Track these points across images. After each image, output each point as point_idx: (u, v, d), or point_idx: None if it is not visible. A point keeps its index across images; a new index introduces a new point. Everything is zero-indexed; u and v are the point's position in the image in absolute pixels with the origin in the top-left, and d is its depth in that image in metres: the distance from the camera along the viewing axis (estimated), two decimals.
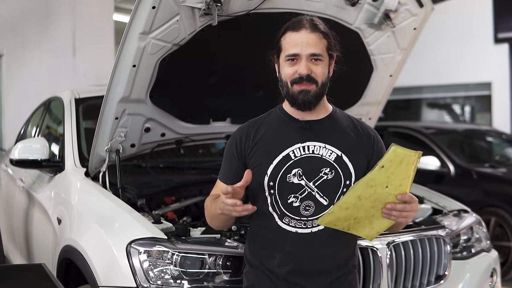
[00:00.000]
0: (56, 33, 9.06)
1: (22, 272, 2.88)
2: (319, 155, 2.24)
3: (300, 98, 2.23)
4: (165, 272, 2.65)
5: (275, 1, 3.21)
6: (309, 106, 2.25)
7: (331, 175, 2.24)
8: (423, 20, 3.70)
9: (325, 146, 2.25)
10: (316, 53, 2.22)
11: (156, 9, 2.90)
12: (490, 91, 11.85)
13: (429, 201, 3.94)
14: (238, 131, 2.38)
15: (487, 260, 3.52)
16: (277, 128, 2.32)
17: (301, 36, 2.22)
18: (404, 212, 2.05)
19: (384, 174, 1.99)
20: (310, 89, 2.22)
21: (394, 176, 1.99)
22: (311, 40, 2.22)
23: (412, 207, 2.06)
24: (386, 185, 2.01)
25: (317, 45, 2.22)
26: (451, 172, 6.86)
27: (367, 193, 2.03)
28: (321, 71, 2.24)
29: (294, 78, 2.23)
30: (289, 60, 2.24)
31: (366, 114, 4.28)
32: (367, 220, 2.10)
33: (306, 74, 2.21)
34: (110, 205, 3.15)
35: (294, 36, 2.23)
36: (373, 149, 2.33)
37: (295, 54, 2.22)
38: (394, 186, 2.02)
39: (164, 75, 3.28)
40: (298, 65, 2.22)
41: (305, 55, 2.21)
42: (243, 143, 2.32)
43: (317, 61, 2.23)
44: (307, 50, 2.21)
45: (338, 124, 2.34)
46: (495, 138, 8.40)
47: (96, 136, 3.33)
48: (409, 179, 2.02)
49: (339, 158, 2.25)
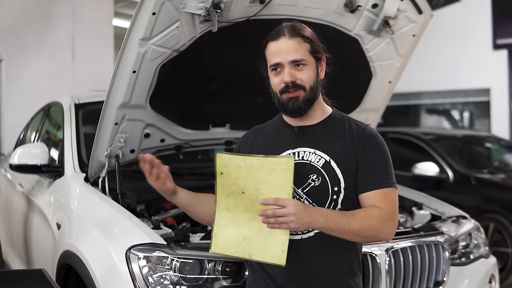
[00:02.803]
0: (56, 38, 9.07)
1: (23, 277, 2.89)
2: (308, 161, 2.22)
3: (290, 106, 2.22)
4: (165, 277, 2.65)
5: (274, 8, 3.22)
6: (299, 112, 2.24)
7: (318, 181, 2.20)
8: (422, 26, 3.72)
9: (314, 152, 2.23)
10: (296, 59, 2.20)
11: (156, 15, 2.92)
12: (489, 97, 11.85)
13: (427, 207, 3.95)
14: (242, 136, 2.44)
15: (485, 266, 3.52)
16: (272, 134, 2.34)
17: (280, 44, 2.22)
18: (279, 218, 1.99)
19: (229, 180, 2.02)
20: (298, 95, 2.21)
21: (242, 182, 2.01)
22: (291, 47, 2.20)
23: (284, 212, 1.99)
24: (242, 191, 2.02)
25: (297, 51, 2.21)
26: (449, 178, 6.86)
27: (230, 203, 2.04)
28: (306, 76, 2.22)
29: (281, 88, 2.22)
30: (273, 70, 2.24)
31: (366, 120, 4.28)
32: (259, 238, 2.05)
33: (291, 81, 2.20)
34: (110, 210, 3.15)
35: (274, 46, 2.23)
36: (361, 151, 2.23)
37: (277, 64, 2.22)
38: (251, 191, 2.01)
39: (164, 81, 3.28)
40: (282, 73, 2.22)
41: (287, 63, 2.20)
42: (241, 148, 2.37)
43: (301, 66, 2.21)
44: (287, 57, 2.20)
45: (331, 129, 2.30)
46: (494, 144, 8.40)
47: (96, 141, 3.34)
48: (270, 185, 2.00)
49: (327, 163, 2.21)
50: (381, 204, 2.16)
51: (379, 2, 3.40)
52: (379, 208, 2.15)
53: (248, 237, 2.06)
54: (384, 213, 2.15)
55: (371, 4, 3.41)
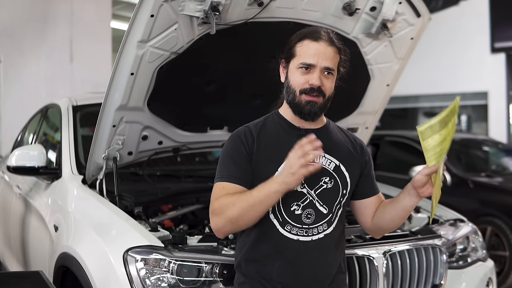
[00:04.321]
0: (53, 40, 9.07)
1: (20, 279, 2.89)
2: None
3: (307, 109, 2.23)
4: (162, 280, 2.65)
5: (273, 11, 3.22)
6: (313, 117, 2.27)
7: (330, 184, 2.26)
8: (420, 30, 3.72)
9: (324, 155, 2.27)
10: (330, 67, 2.23)
11: (155, 17, 2.91)
12: (487, 100, 11.88)
13: (425, 210, 3.94)
14: (238, 132, 2.34)
15: (483, 269, 3.52)
16: (278, 135, 2.32)
17: (320, 47, 2.22)
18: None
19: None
20: (317, 101, 2.23)
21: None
22: (329, 54, 2.22)
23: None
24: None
25: (332, 60, 2.23)
26: (447, 181, 6.85)
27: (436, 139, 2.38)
28: (330, 85, 2.26)
29: (305, 88, 2.22)
30: (301, 68, 2.23)
31: (363, 123, 4.29)
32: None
33: (318, 86, 2.21)
34: (107, 212, 3.15)
35: (312, 46, 2.22)
36: (365, 160, 2.40)
37: (311, 64, 2.21)
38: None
39: (162, 83, 3.28)
40: (311, 75, 2.21)
41: (320, 67, 2.21)
42: (249, 144, 2.28)
43: (329, 75, 2.24)
44: (323, 62, 2.21)
45: (333, 134, 2.38)
46: (491, 148, 8.42)
47: (94, 143, 3.33)
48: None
49: (337, 167, 2.28)
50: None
51: (377, 5, 3.41)
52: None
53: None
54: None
55: (369, 7, 3.41)
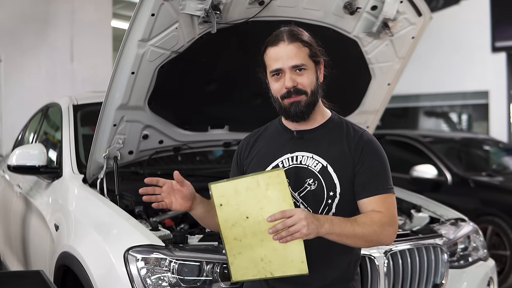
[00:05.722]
0: (54, 39, 9.06)
1: (20, 278, 2.88)
2: (305, 166, 2.22)
3: (292, 110, 2.22)
4: (163, 279, 2.65)
5: (274, 10, 3.21)
6: (302, 116, 2.24)
7: (314, 186, 2.20)
8: (422, 29, 3.71)
9: (312, 157, 2.23)
10: (297, 64, 2.19)
11: (155, 16, 2.91)
12: (487, 99, 11.86)
13: (426, 209, 3.94)
14: (242, 140, 2.43)
15: (484, 269, 3.52)
16: (272, 138, 2.34)
17: (280, 49, 2.20)
18: (290, 228, 1.95)
19: (230, 209, 1.98)
20: (299, 99, 2.21)
21: (244, 206, 1.98)
22: (291, 52, 2.19)
23: (293, 220, 1.95)
24: (246, 216, 1.99)
25: (297, 56, 2.20)
26: (448, 180, 6.85)
27: (237, 232, 2.01)
28: (307, 80, 2.22)
29: (283, 94, 2.21)
30: (274, 75, 2.23)
31: (364, 122, 4.28)
32: (276, 255, 2.03)
33: (292, 87, 2.19)
34: (108, 212, 3.15)
35: (273, 51, 2.21)
36: (358, 157, 2.23)
37: (278, 69, 2.20)
38: (255, 213, 1.99)
39: (163, 82, 3.28)
40: (283, 79, 2.20)
41: (288, 68, 2.19)
42: (242, 152, 2.36)
43: (302, 71, 2.21)
44: (288, 62, 2.19)
45: (330, 133, 2.29)
46: (492, 147, 8.41)
47: (94, 142, 3.33)
48: (271, 200, 1.98)
49: (323, 168, 2.21)
50: (382, 209, 2.17)
51: (379, 4, 3.40)
52: (380, 213, 2.15)
53: (264, 257, 2.04)
54: (385, 218, 2.15)
55: (371, 6, 3.41)
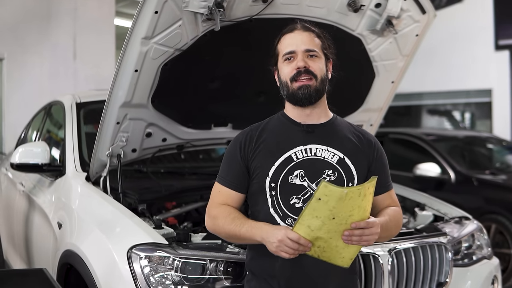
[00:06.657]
0: (57, 37, 9.07)
1: (24, 277, 2.89)
2: (321, 157, 2.26)
3: (301, 93, 2.26)
4: (166, 277, 2.64)
5: (277, 7, 3.21)
6: (310, 100, 2.27)
7: (333, 176, 2.25)
8: (426, 26, 3.70)
9: (327, 149, 2.27)
10: (310, 48, 2.28)
11: (159, 14, 2.91)
12: (491, 98, 11.84)
13: (430, 208, 3.93)
14: (240, 134, 2.39)
15: (488, 267, 3.51)
16: (279, 131, 2.33)
17: (295, 35, 2.31)
18: (364, 236, 2.05)
19: (325, 206, 1.98)
20: (310, 84, 2.26)
21: (338, 210, 1.99)
22: (305, 38, 2.30)
23: (371, 231, 2.07)
24: (333, 217, 2.01)
25: (311, 42, 2.30)
26: (451, 179, 6.84)
27: (315, 224, 2.02)
28: (318, 66, 2.29)
29: (293, 75, 2.26)
30: (286, 59, 2.29)
31: (368, 120, 4.28)
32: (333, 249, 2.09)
33: (304, 67, 2.25)
34: (111, 210, 3.14)
35: (288, 37, 2.33)
36: (373, 155, 2.35)
37: (291, 52, 2.28)
38: (342, 217, 2.01)
39: (166, 80, 3.27)
40: (295, 61, 2.27)
41: (301, 51, 2.27)
42: (246, 146, 2.33)
43: (313, 57, 2.29)
44: (302, 46, 2.28)
45: (339, 129, 2.36)
46: (495, 145, 8.39)
47: (97, 140, 3.33)
48: (361, 209, 2.03)
49: (341, 160, 2.27)
50: (395, 203, 2.39)
51: (383, 1, 3.39)
52: (398, 208, 2.39)
53: (322, 246, 2.09)
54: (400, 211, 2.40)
55: (375, 4, 3.40)
